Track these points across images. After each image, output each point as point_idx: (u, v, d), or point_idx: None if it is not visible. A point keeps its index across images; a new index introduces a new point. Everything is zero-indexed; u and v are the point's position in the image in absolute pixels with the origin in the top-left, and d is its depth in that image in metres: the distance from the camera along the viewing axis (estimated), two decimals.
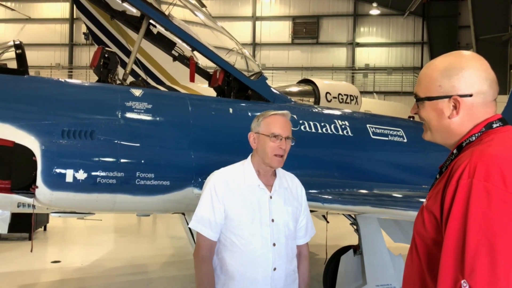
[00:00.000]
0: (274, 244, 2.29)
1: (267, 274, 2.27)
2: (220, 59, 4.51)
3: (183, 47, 5.08)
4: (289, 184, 2.48)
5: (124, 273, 6.08)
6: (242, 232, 2.29)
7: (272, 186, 2.39)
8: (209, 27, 5.42)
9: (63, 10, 28.51)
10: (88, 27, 10.09)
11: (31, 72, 3.81)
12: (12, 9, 24.00)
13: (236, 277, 2.27)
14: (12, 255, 6.76)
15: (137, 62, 9.28)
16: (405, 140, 5.21)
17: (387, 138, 5.07)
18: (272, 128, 2.35)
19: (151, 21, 4.50)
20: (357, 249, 4.26)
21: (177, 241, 8.12)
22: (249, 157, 2.47)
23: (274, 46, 27.88)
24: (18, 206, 3.66)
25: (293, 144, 2.43)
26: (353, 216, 4.26)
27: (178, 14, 4.95)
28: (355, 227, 4.28)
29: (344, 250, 4.36)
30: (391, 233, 5.15)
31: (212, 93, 5.11)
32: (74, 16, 27.54)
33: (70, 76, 26.78)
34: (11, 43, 3.91)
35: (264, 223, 2.30)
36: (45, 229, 8.74)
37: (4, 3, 25.58)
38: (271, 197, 2.36)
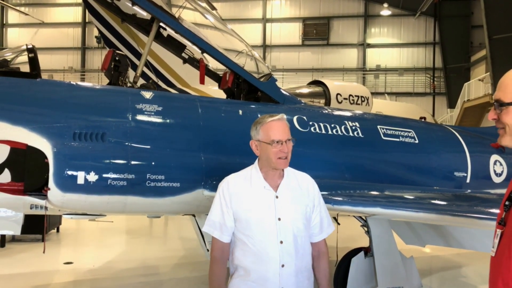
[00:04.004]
0: (281, 242, 2.38)
1: (275, 270, 2.36)
2: (229, 61, 4.52)
3: (193, 50, 5.10)
4: (299, 183, 2.54)
5: (135, 275, 6.11)
6: (251, 232, 2.41)
7: (278, 187, 2.47)
8: (219, 29, 5.43)
9: (75, 14, 28.90)
10: (99, 31, 10.20)
11: (44, 76, 3.85)
12: (26, 14, 24.35)
13: (248, 274, 2.40)
14: (25, 256, 6.84)
15: (148, 65, 9.36)
16: (417, 141, 5.16)
17: (398, 139, 5.03)
18: (271, 134, 2.42)
19: (161, 23, 4.53)
20: (368, 251, 4.22)
21: (189, 243, 8.14)
22: (256, 161, 2.57)
23: (285, 48, 27.89)
24: (30, 208, 3.70)
25: (294, 144, 2.49)
26: (363, 218, 4.23)
27: (189, 17, 4.97)
28: (366, 229, 4.24)
29: (355, 252, 4.32)
30: (403, 235, 5.09)
31: (223, 95, 5.12)
32: (87, 20, 27.89)
33: (83, 79, 27.13)
34: (24, 47, 3.96)
35: (270, 222, 2.39)
36: (58, 230, 8.83)
37: (18, 8, 25.98)
38: (277, 197, 2.44)
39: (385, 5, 26.62)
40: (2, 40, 29.28)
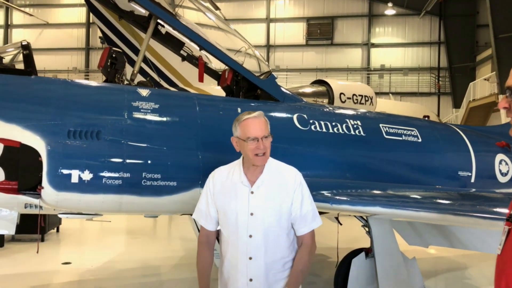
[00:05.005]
0: (250, 236, 2.48)
1: (243, 262, 2.49)
2: (228, 58, 4.45)
3: (192, 47, 5.03)
4: (280, 177, 2.55)
5: (134, 275, 6.05)
6: (226, 224, 2.56)
7: (255, 182, 2.54)
8: (221, 29, 5.36)
9: (80, 15, 28.99)
10: (102, 30, 10.18)
11: (49, 76, 3.80)
12: (31, 15, 24.44)
13: (224, 262, 2.60)
14: (24, 256, 6.80)
15: (150, 64, 9.31)
16: (420, 140, 5.06)
17: (400, 138, 4.94)
18: (247, 132, 2.50)
19: (159, 20, 4.47)
20: (369, 252, 4.12)
21: (189, 243, 8.07)
22: (242, 156, 2.63)
23: (288, 48, 27.81)
24: (25, 207, 3.63)
25: (271, 139, 2.55)
26: (364, 217, 4.13)
27: (191, 16, 4.91)
28: (367, 229, 4.15)
29: (355, 253, 4.23)
30: (406, 235, 4.99)
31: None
32: (91, 21, 27.95)
33: (87, 80, 27.09)
34: (19, 44, 3.91)
35: (242, 216, 2.49)
36: (57, 230, 8.78)
37: (22, 8, 26.08)
38: (252, 192, 2.51)
39: (390, 4, 26.48)
40: (7, 41, 29.41)
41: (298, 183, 2.55)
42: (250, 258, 2.47)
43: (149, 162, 3.60)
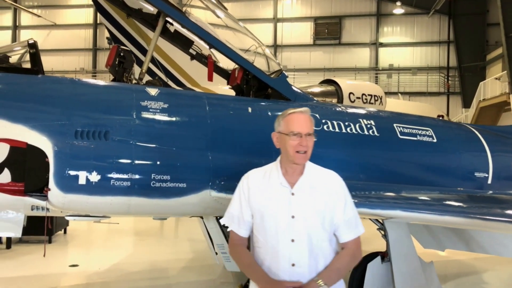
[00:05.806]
0: (292, 240, 2.31)
1: (285, 269, 2.30)
2: (238, 56, 4.35)
3: (201, 46, 4.95)
4: (321, 181, 2.42)
5: (143, 277, 5.97)
6: (264, 228, 2.37)
7: (296, 184, 2.38)
8: (232, 28, 5.27)
9: (87, 15, 29.09)
10: (109, 30, 10.14)
11: None
12: (39, 16, 24.60)
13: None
14: (31, 258, 6.72)
15: (158, 64, 9.25)
16: (435, 140, 4.93)
17: (415, 138, 4.81)
18: (291, 126, 2.36)
19: (167, 18, 4.38)
20: (385, 255, 3.99)
21: (198, 245, 7.97)
22: (279, 157, 2.48)
23: (296, 48, 27.69)
24: (32, 209, 3.58)
25: (316, 140, 2.41)
26: (380, 220, 4.00)
27: (201, 16, 4.83)
28: (382, 232, 4.01)
29: (371, 256, 4.09)
30: (421, 238, 4.85)
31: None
32: (98, 22, 28.03)
33: None
34: (25, 42, 3.83)
35: (282, 219, 2.33)
36: (65, 232, 8.72)
37: (30, 10, 26.22)
38: (292, 194, 2.35)
39: (398, 3, 26.29)
40: (15, 42, 29.59)
41: (341, 187, 2.43)
42: (293, 265, 2.29)
43: (158, 163, 3.53)
